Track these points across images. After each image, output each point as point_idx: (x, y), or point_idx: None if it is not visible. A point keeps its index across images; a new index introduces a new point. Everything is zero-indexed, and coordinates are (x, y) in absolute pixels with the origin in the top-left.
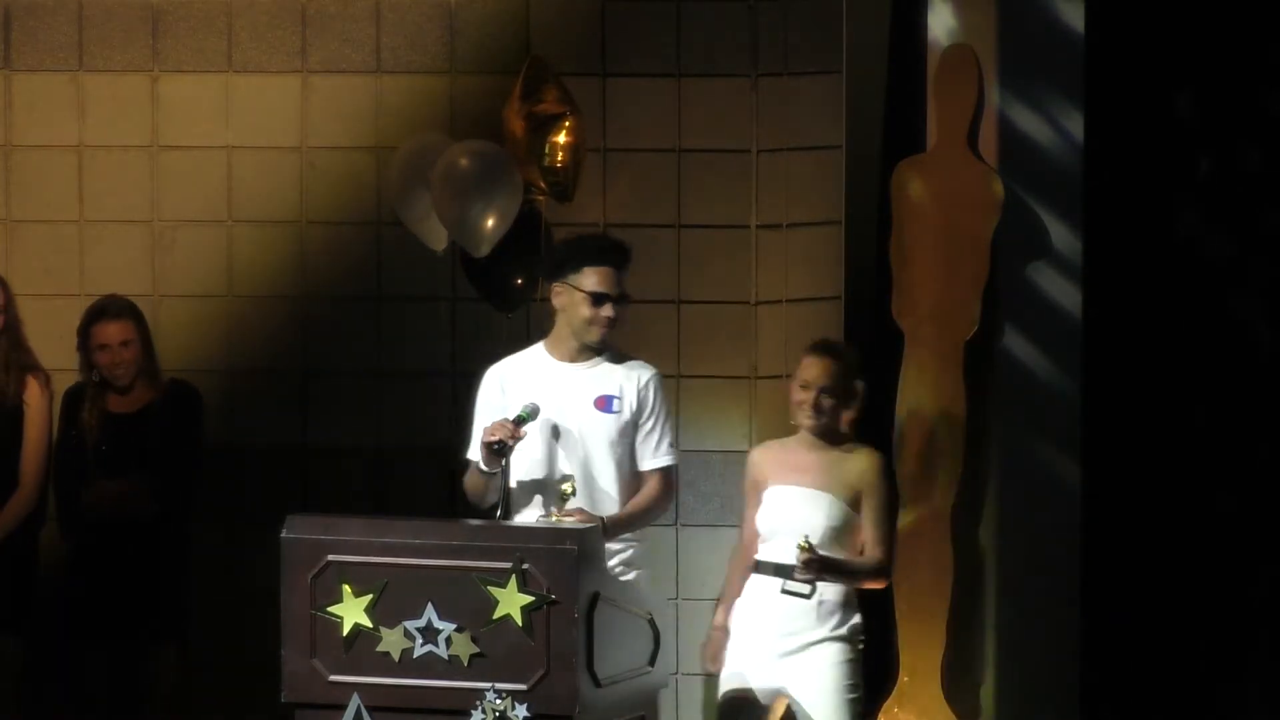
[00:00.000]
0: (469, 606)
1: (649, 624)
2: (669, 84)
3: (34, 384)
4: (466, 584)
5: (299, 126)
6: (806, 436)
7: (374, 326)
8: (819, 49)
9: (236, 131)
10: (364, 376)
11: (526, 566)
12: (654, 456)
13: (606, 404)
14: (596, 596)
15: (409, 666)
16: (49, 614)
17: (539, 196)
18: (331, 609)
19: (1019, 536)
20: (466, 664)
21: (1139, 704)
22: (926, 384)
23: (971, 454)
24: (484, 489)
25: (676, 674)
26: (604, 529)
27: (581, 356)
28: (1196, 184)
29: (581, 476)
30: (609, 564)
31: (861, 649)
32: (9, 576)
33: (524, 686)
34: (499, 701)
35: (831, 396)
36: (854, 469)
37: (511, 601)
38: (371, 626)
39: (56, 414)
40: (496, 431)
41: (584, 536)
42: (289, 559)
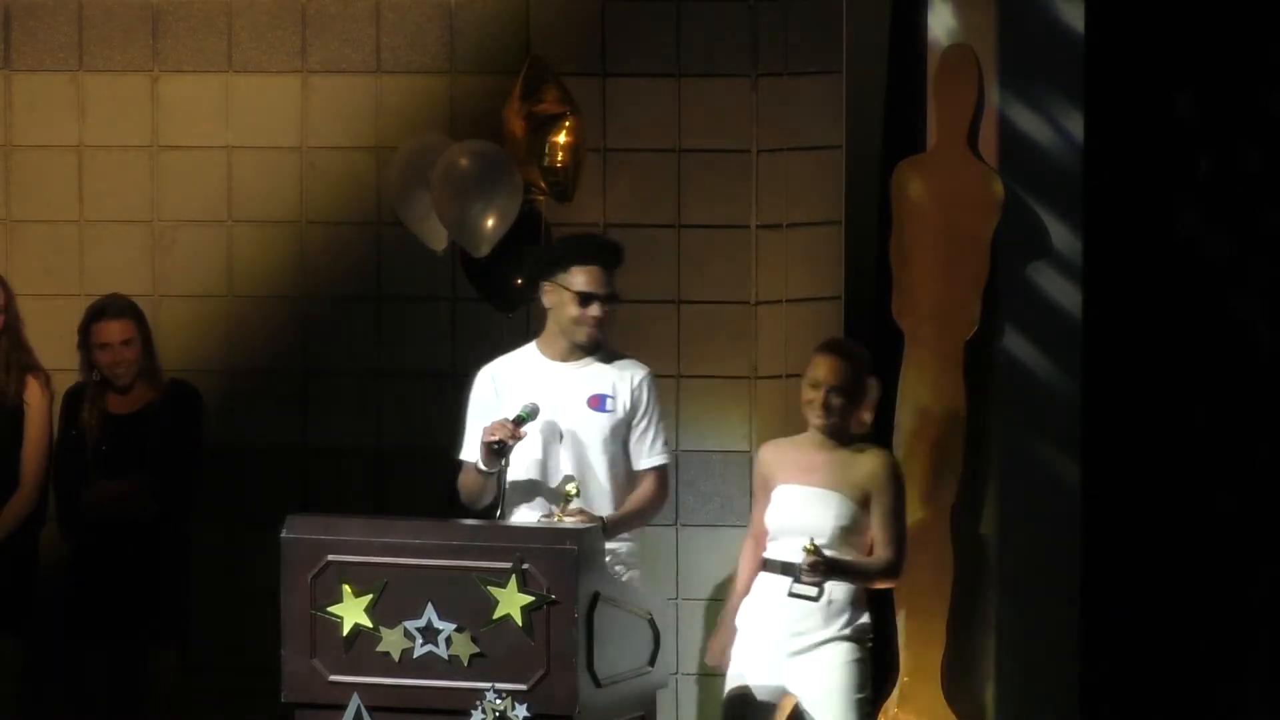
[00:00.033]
0: (469, 606)
1: (649, 624)
2: (669, 84)
3: (34, 384)
4: (466, 584)
5: (299, 126)
6: (816, 435)
7: (374, 326)
8: (819, 49)
9: (236, 131)
10: (364, 376)
11: (526, 566)
12: (649, 455)
13: (600, 403)
14: (596, 596)
15: (409, 666)
16: (49, 614)
17: (539, 196)
18: (331, 609)
19: (1019, 536)
20: (466, 664)
21: (1139, 704)
22: (926, 384)
23: (971, 454)
24: (480, 489)
25: (676, 674)
26: (604, 529)
27: (573, 356)
28: (1196, 184)
29: (575, 476)
30: None
31: (870, 649)
32: (9, 576)
33: (524, 686)
34: (499, 701)
35: (841, 396)
36: (864, 468)
37: (511, 601)
38: (371, 626)
39: (57, 414)
40: (497, 431)
41: (584, 536)
42: (289, 559)
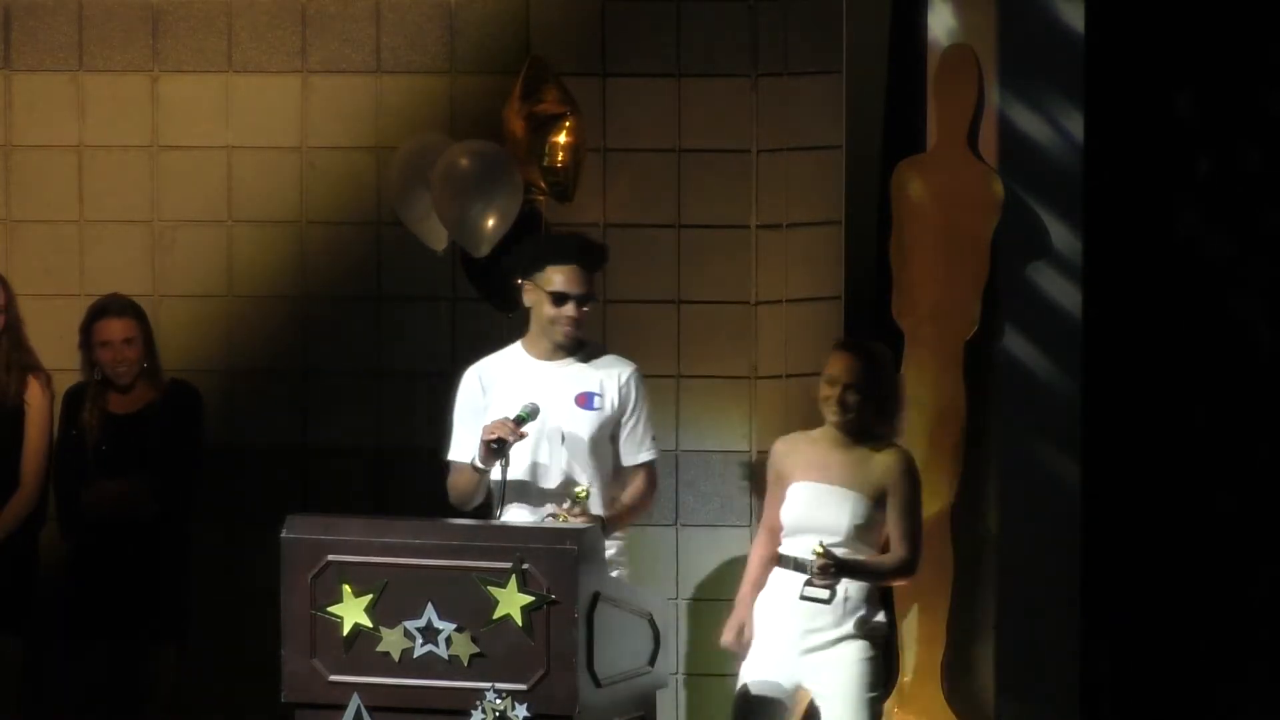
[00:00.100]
0: (469, 606)
1: (649, 624)
2: (669, 84)
3: (35, 384)
4: (466, 584)
5: (299, 126)
6: (832, 432)
7: (374, 326)
8: (819, 49)
9: (236, 131)
10: (364, 376)
11: (526, 566)
12: (639, 451)
13: (588, 401)
14: (596, 596)
15: (409, 666)
16: (49, 614)
17: (539, 196)
18: (331, 609)
19: (1019, 536)
20: (466, 664)
21: (1139, 704)
22: (926, 384)
23: (971, 454)
24: (473, 489)
25: (676, 674)
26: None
27: (559, 354)
28: (1196, 184)
29: (564, 474)
30: None
31: (884, 647)
32: (9, 576)
33: (524, 686)
34: (499, 701)
35: (858, 393)
36: (879, 466)
37: (511, 601)
38: (371, 626)
39: (57, 414)
40: (497, 430)
41: (584, 536)
42: (289, 559)
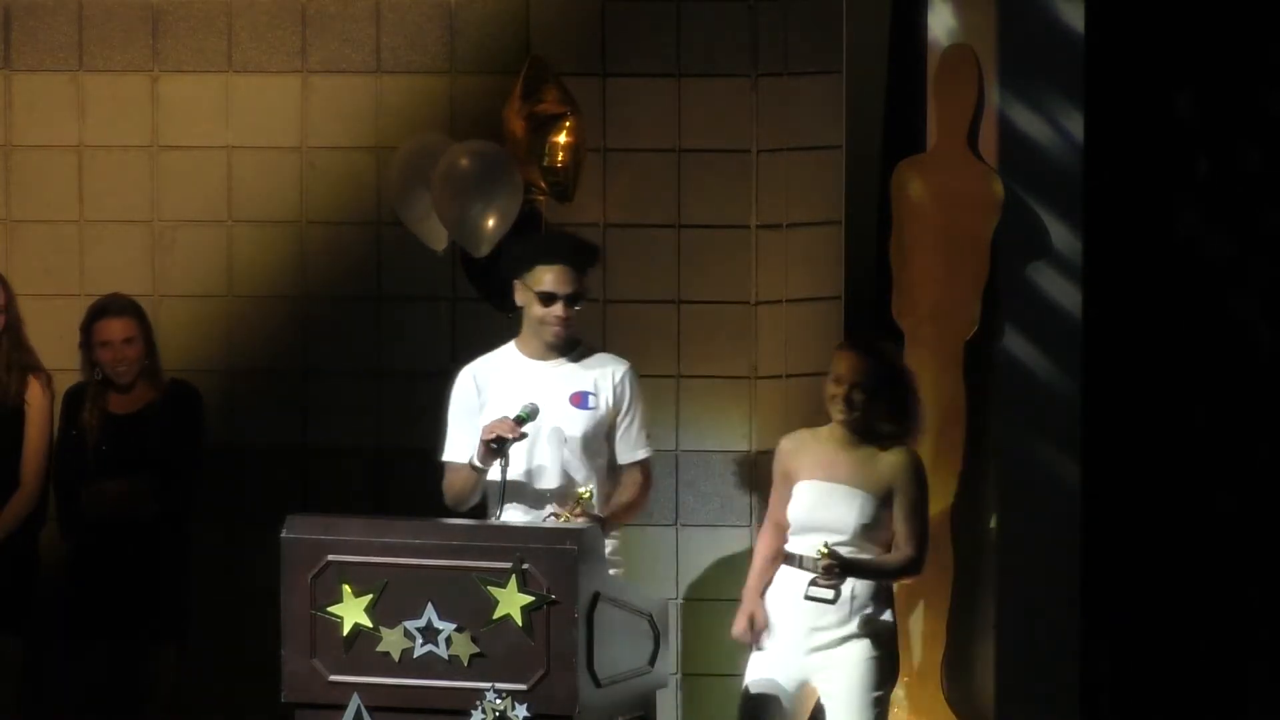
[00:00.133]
0: (469, 606)
1: (649, 624)
2: (669, 84)
3: (35, 384)
4: (466, 584)
5: (299, 126)
6: (839, 430)
7: (374, 326)
8: (819, 49)
9: (236, 131)
10: (364, 376)
11: (526, 566)
12: (634, 449)
13: (582, 400)
14: (596, 596)
15: (409, 666)
16: (49, 614)
17: (539, 196)
18: (331, 609)
19: (1019, 536)
20: (466, 664)
21: (1139, 704)
22: (926, 384)
23: (971, 454)
24: (470, 489)
25: (676, 674)
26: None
27: (552, 354)
28: (1196, 184)
29: (559, 473)
30: None
31: (890, 646)
32: (9, 576)
33: (524, 686)
34: (499, 701)
35: (864, 392)
36: (886, 465)
37: (511, 601)
38: (371, 626)
39: (57, 414)
40: (496, 429)
41: (584, 536)
42: (289, 559)
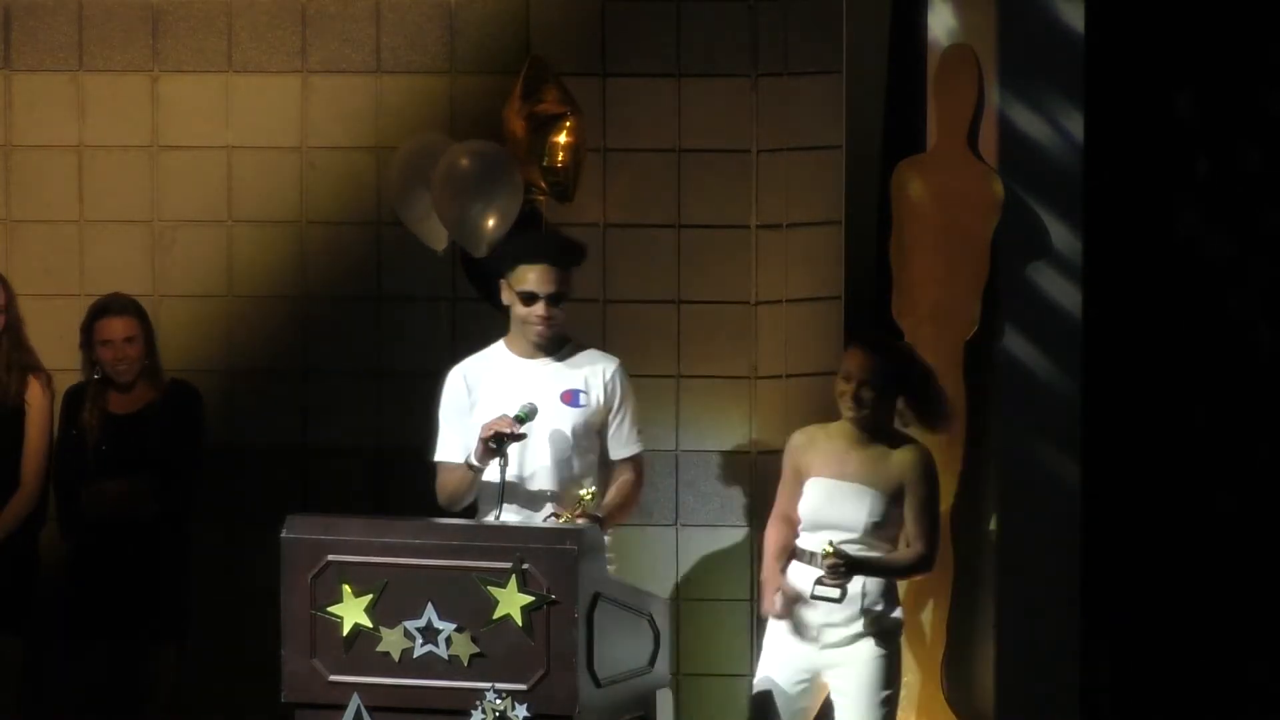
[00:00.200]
0: (469, 606)
1: (649, 624)
2: (669, 84)
3: (35, 384)
4: (466, 584)
5: (299, 126)
6: (849, 428)
7: (374, 326)
8: (819, 49)
9: (236, 131)
10: (364, 376)
11: (526, 566)
12: (627, 445)
13: (573, 398)
14: (596, 596)
15: (409, 666)
16: (49, 614)
17: (539, 196)
18: (331, 609)
19: (1019, 536)
20: (466, 664)
21: (1139, 704)
22: None
23: (971, 454)
24: (466, 489)
25: (676, 674)
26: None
27: (541, 352)
28: (1196, 184)
29: (552, 471)
30: None
31: (898, 644)
32: (9, 576)
33: (524, 686)
34: (499, 701)
35: (872, 389)
36: (896, 463)
37: (511, 601)
38: (371, 626)
39: (57, 414)
40: (496, 427)
41: (584, 536)
42: (289, 559)
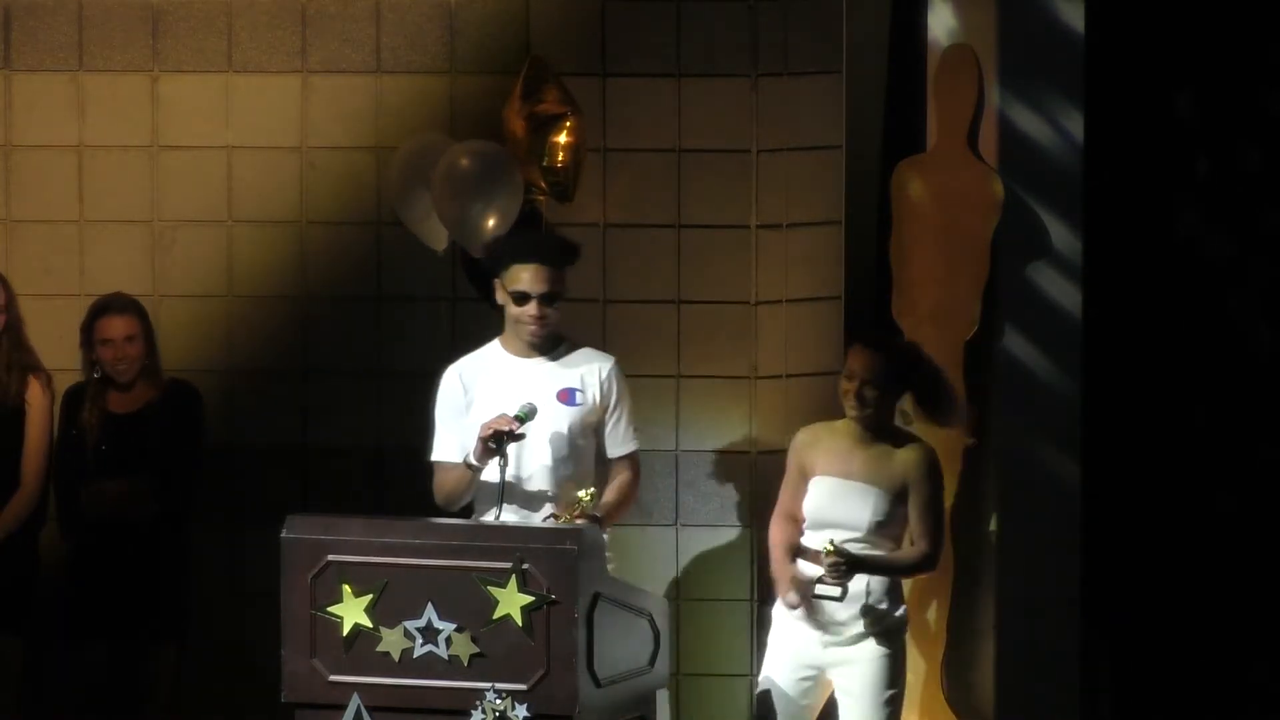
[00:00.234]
0: (469, 606)
1: (649, 624)
2: (669, 84)
3: (35, 384)
4: (466, 584)
5: (299, 126)
6: (854, 427)
7: (374, 326)
8: (819, 49)
9: (236, 131)
10: (364, 376)
11: (526, 566)
12: (623, 443)
13: (569, 397)
14: (596, 596)
15: (409, 666)
16: (49, 614)
17: (539, 196)
18: (331, 609)
19: (1019, 536)
20: (466, 664)
21: (1139, 704)
22: None
23: (971, 454)
24: (464, 489)
25: (676, 674)
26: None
27: (536, 351)
28: (1196, 184)
29: (549, 470)
30: None
31: (905, 643)
32: (9, 576)
33: (524, 686)
34: (499, 701)
35: (876, 388)
36: (900, 462)
37: (511, 601)
38: (371, 626)
39: (57, 414)
40: (495, 426)
41: (584, 536)
42: (289, 559)
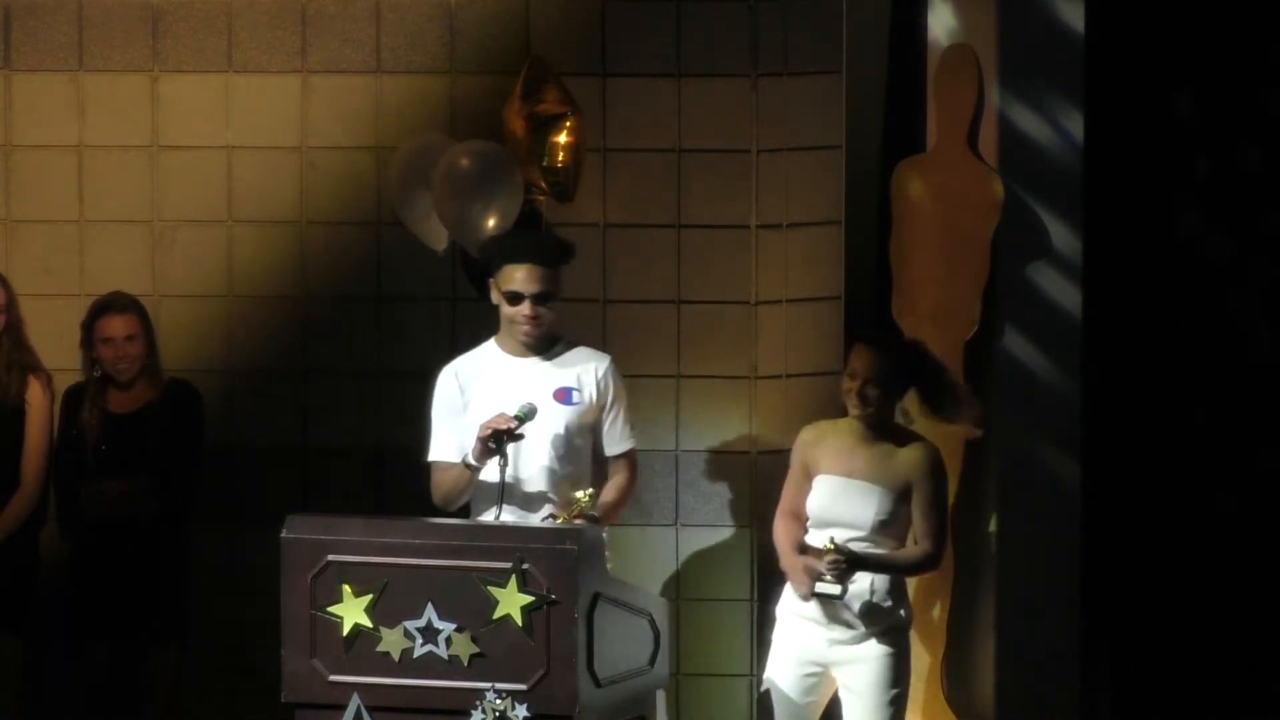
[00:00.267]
0: (469, 606)
1: (649, 624)
2: (669, 84)
3: (36, 384)
4: (466, 584)
5: (299, 126)
6: (857, 425)
7: (374, 326)
8: (819, 49)
9: (236, 131)
10: (364, 376)
11: (526, 566)
12: (620, 441)
13: (566, 396)
14: (596, 596)
15: (409, 666)
16: (49, 614)
17: (539, 196)
18: (331, 609)
19: (1019, 536)
20: (466, 664)
21: (1139, 704)
22: None
23: (971, 454)
24: (462, 489)
25: (676, 674)
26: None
27: (532, 351)
28: (1196, 184)
29: (547, 469)
30: None
31: (909, 642)
32: (9, 576)
33: (524, 686)
34: (499, 701)
35: (877, 387)
36: (904, 461)
37: (511, 601)
38: (371, 626)
39: (57, 414)
40: (494, 425)
41: (584, 536)
42: (289, 559)
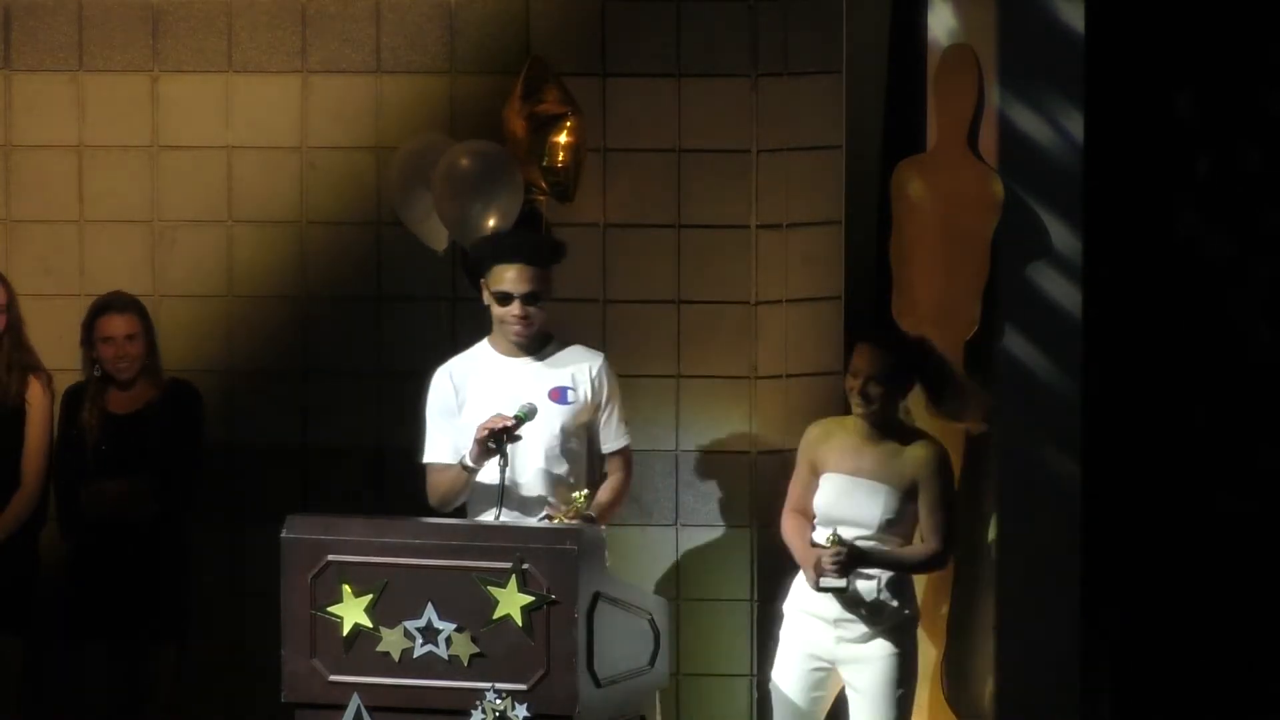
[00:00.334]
0: (469, 606)
1: (649, 624)
2: (669, 84)
3: (36, 384)
4: (466, 584)
5: (299, 126)
6: (862, 424)
7: (374, 326)
8: (819, 49)
9: (236, 131)
10: (364, 376)
11: (526, 566)
12: (615, 438)
13: (561, 395)
14: (596, 596)
15: (409, 666)
16: (49, 614)
17: (540, 196)
18: (331, 609)
19: (1019, 536)
20: (466, 664)
21: (1139, 704)
22: None
23: (971, 454)
24: (459, 489)
25: (676, 674)
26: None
27: (525, 351)
28: (1196, 184)
29: (543, 469)
30: None
31: (916, 641)
32: (9, 576)
33: (524, 686)
34: (499, 701)
35: (879, 385)
36: (910, 460)
37: (511, 601)
38: (371, 626)
39: (57, 414)
40: (492, 425)
41: (584, 536)
42: (289, 559)
